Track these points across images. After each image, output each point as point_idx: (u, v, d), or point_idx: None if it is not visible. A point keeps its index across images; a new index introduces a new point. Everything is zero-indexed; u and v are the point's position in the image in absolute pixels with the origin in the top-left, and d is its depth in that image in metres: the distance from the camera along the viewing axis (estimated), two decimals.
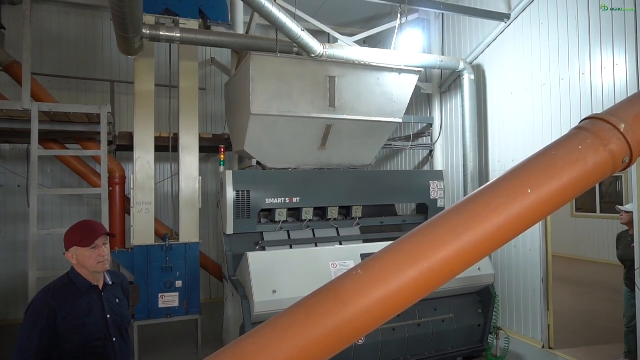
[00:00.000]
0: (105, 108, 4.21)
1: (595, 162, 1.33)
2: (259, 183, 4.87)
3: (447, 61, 6.05)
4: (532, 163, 1.36)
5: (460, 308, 5.02)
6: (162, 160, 7.17)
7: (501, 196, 1.30)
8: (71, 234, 2.32)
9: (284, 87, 4.66)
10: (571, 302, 7.65)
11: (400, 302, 1.25)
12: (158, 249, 5.42)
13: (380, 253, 1.32)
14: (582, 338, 5.84)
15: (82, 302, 2.26)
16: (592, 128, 1.37)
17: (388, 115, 5.14)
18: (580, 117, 4.94)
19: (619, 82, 4.60)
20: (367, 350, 4.56)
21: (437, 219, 1.33)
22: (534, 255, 5.64)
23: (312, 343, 1.21)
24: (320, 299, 1.26)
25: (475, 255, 1.28)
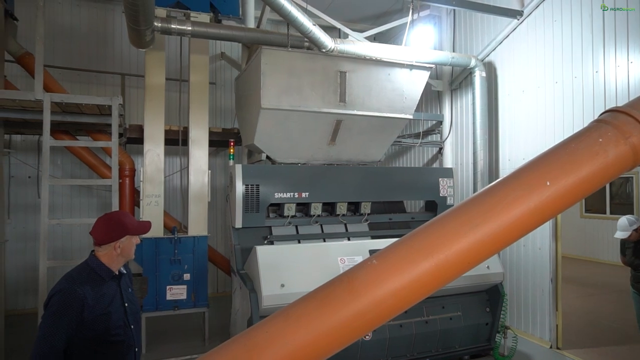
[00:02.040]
0: (116, 99, 4.23)
1: (615, 155, 1.31)
2: (268, 177, 4.86)
3: (459, 58, 6.01)
4: (551, 156, 1.34)
5: (468, 306, 4.99)
6: (172, 153, 7.21)
7: (519, 189, 1.28)
8: (126, 222, 2.36)
9: (294, 82, 4.65)
10: (579, 303, 7.58)
11: (415, 294, 1.24)
12: (167, 242, 5.45)
13: (396, 244, 1.31)
14: (590, 339, 5.79)
15: (105, 290, 2.29)
16: (613, 121, 1.35)
17: (398, 112, 5.11)
18: (593, 116, 4.89)
19: (633, 80, 4.53)
20: (374, 347, 4.55)
21: (453, 211, 1.31)
22: (543, 255, 5.60)
23: (324, 333, 1.20)
24: (333, 289, 1.25)
25: (491, 247, 1.27)
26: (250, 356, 1.18)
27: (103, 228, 2.33)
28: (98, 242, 2.33)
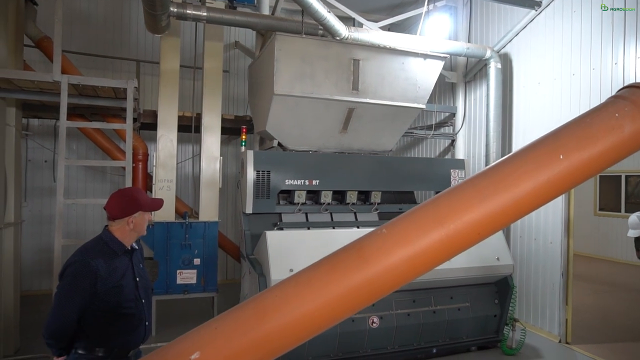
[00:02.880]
0: (131, 82, 4.27)
1: (632, 131, 1.29)
2: (279, 164, 4.89)
3: (474, 49, 5.95)
4: (566, 130, 1.33)
5: (476, 297, 4.98)
6: (184, 141, 7.27)
7: (531, 161, 1.27)
8: (139, 198, 2.40)
9: (307, 69, 4.65)
10: (591, 299, 7.51)
11: (424, 263, 1.24)
12: (178, 227, 5.51)
13: (406, 213, 1.31)
14: (600, 335, 5.74)
15: (118, 264, 2.34)
16: (631, 96, 1.33)
17: (411, 101, 5.09)
18: None
19: None
20: (381, 335, 4.56)
21: (465, 183, 1.31)
22: (555, 249, 5.55)
23: (333, 299, 1.21)
24: (343, 257, 1.27)
25: (502, 219, 1.27)
26: (259, 319, 1.20)
27: (117, 203, 2.37)
28: (112, 217, 2.37)
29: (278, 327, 1.19)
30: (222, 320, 1.22)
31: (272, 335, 1.19)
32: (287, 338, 1.21)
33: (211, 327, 1.22)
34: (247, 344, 1.18)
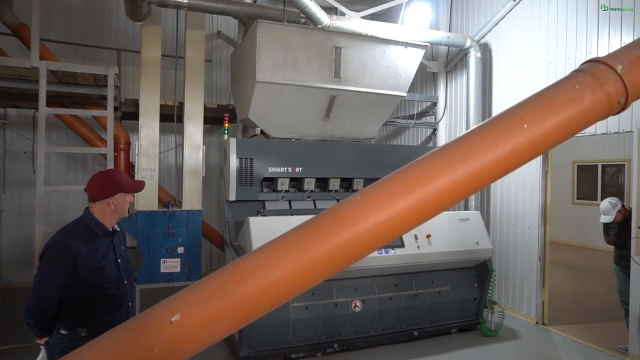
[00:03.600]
0: (112, 69, 4.24)
1: (591, 102, 1.36)
2: (262, 151, 4.91)
3: (454, 38, 6.03)
4: (530, 100, 1.39)
5: (456, 281, 5.11)
6: (167, 131, 7.23)
7: (498, 130, 1.34)
8: (120, 179, 2.41)
9: (289, 56, 4.67)
10: (568, 284, 7.74)
11: (396, 227, 1.30)
12: (161, 215, 5.50)
13: (379, 182, 1.36)
14: (575, 316, 5.93)
15: (99, 246, 2.35)
16: (591, 70, 1.40)
17: (392, 89, 5.15)
18: None
19: None
20: (364, 318, 4.65)
21: (435, 151, 1.37)
22: (532, 234, 5.70)
23: (310, 262, 1.26)
24: (319, 222, 1.31)
25: (471, 186, 1.33)
26: (237, 283, 1.24)
27: (97, 184, 2.38)
28: (92, 198, 2.38)
29: (256, 291, 1.23)
30: (201, 285, 1.27)
31: (250, 298, 1.23)
32: (265, 301, 1.25)
33: (191, 291, 1.27)
34: (226, 306, 1.22)
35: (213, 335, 1.24)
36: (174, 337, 1.20)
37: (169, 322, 1.20)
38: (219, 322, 1.23)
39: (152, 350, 1.20)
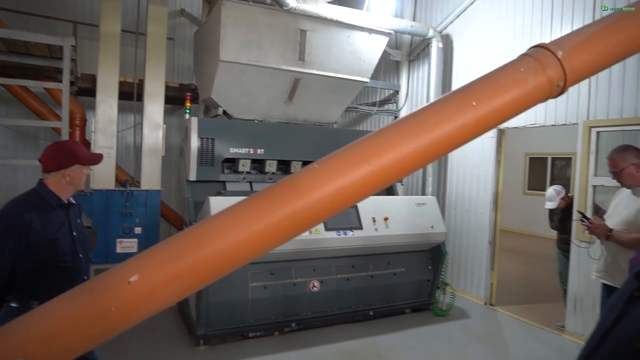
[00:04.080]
0: (68, 40, 4.08)
1: (534, 84, 1.47)
2: (224, 132, 4.88)
3: (417, 27, 6.16)
4: (479, 81, 1.48)
5: (411, 263, 5.29)
6: (126, 109, 7.01)
7: (449, 107, 1.42)
8: (77, 151, 2.34)
9: (254, 37, 4.64)
10: (516, 269, 8.16)
11: (352, 195, 1.36)
12: (118, 195, 5.38)
13: (336, 152, 1.42)
14: (520, 298, 6.29)
15: (53, 218, 2.30)
16: (535, 54, 1.51)
17: (356, 74, 5.23)
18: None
19: None
20: (321, 298, 4.75)
21: (390, 125, 1.44)
22: (484, 220, 5.97)
23: (269, 226, 1.30)
24: (278, 189, 1.36)
25: (423, 158, 1.41)
26: (196, 245, 1.27)
27: (53, 155, 2.32)
28: (46, 169, 2.32)
29: (214, 253, 1.26)
30: (160, 247, 1.29)
31: (209, 260, 1.26)
32: (224, 263, 1.29)
33: (150, 253, 1.28)
34: (185, 268, 1.25)
35: (170, 296, 1.27)
36: (131, 297, 1.22)
37: (127, 282, 1.22)
38: (176, 283, 1.26)
39: (109, 310, 1.21)
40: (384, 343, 4.58)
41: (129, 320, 1.28)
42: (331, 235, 4.62)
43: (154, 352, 4.15)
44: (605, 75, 4.58)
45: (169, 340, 4.44)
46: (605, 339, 1.28)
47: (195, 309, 4.34)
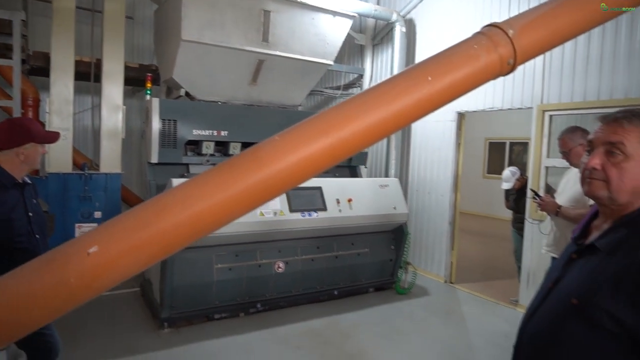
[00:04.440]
0: (18, 14, 3.88)
1: (486, 61, 1.53)
2: (186, 114, 4.80)
3: (381, 11, 6.20)
4: (435, 57, 1.54)
5: (375, 244, 5.42)
6: (83, 90, 6.75)
7: (406, 81, 1.47)
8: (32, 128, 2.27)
9: (217, 16, 4.56)
10: (475, 249, 8.48)
11: (313, 166, 1.39)
12: (76, 178, 5.21)
13: (297, 125, 1.45)
14: (479, 275, 6.56)
15: (7, 197, 2.23)
16: (488, 32, 1.57)
17: (320, 56, 5.23)
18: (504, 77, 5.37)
19: None
20: (287, 279, 4.81)
21: (350, 99, 1.48)
22: (445, 202, 6.16)
23: (232, 196, 1.32)
24: (240, 160, 1.37)
25: (380, 131, 1.45)
26: (158, 215, 1.27)
27: (5, 132, 2.24)
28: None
29: (176, 222, 1.27)
30: (120, 218, 1.28)
31: (171, 230, 1.27)
32: (186, 233, 1.30)
33: (110, 223, 1.28)
34: (146, 238, 1.25)
35: (132, 267, 1.27)
36: (91, 268, 1.21)
37: (86, 253, 1.21)
38: (137, 254, 1.26)
39: (68, 281, 1.21)
40: (348, 321, 4.70)
41: (89, 292, 1.28)
42: (296, 216, 4.66)
43: (117, 338, 4.10)
44: (557, 60, 4.78)
45: (133, 325, 4.39)
46: (546, 298, 1.38)
47: (159, 292, 4.30)
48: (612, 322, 1.13)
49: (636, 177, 1.22)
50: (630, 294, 1.10)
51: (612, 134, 1.25)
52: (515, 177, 5.38)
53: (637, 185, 1.22)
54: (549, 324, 1.32)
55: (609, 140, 1.26)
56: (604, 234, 1.28)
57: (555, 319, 1.29)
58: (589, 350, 1.19)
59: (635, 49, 4.14)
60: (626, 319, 1.10)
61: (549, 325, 1.31)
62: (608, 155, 1.25)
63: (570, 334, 1.24)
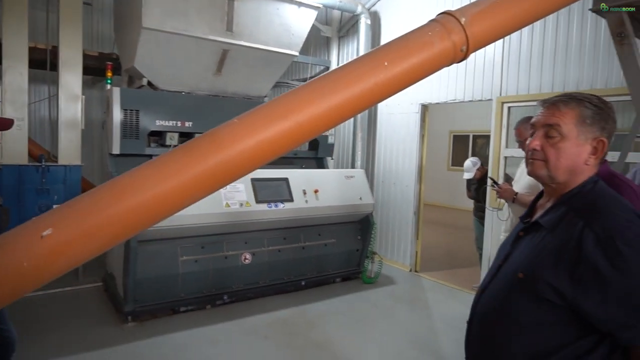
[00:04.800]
0: None
1: (440, 48, 1.59)
2: (149, 104, 4.70)
3: (346, 3, 6.24)
4: (392, 43, 1.58)
5: (341, 234, 5.48)
6: (39, 80, 6.49)
7: (363, 66, 1.50)
8: None
9: (179, 4, 4.47)
10: (440, 239, 8.70)
11: (272, 149, 1.41)
12: (32, 170, 5.02)
13: (256, 108, 1.46)
14: (443, 264, 6.75)
15: None
16: (442, 20, 1.63)
17: (285, 47, 5.21)
18: (465, 70, 5.50)
19: None
20: (253, 270, 4.81)
21: (308, 83, 1.50)
22: (409, 192, 6.29)
23: (190, 180, 1.31)
24: (198, 143, 1.38)
25: (337, 114, 1.48)
26: (115, 197, 1.26)
27: None
28: None
29: (134, 205, 1.26)
30: (76, 200, 1.27)
31: (128, 213, 1.26)
32: (143, 216, 1.29)
33: (65, 206, 1.26)
34: (102, 220, 1.24)
35: (88, 251, 1.26)
36: (45, 252, 1.19)
37: (40, 236, 1.19)
38: (94, 237, 1.24)
39: (20, 265, 1.18)
40: (315, 311, 4.74)
41: (44, 276, 1.26)
42: (262, 207, 4.66)
43: (78, 333, 4.00)
44: (515, 54, 4.95)
45: (95, 320, 4.29)
46: (496, 275, 1.45)
47: (122, 286, 4.22)
48: (554, 294, 1.21)
49: (571, 156, 1.30)
50: (568, 267, 1.18)
51: (551, 116, 1.34)
52: (475, 167, 5.55)
53: (572, 164, 1.30)
54: (498, 299, 1.39)
55: (547, 123, 1.34)
56: (546, 212, 1.36)
57: (503, 293, 1.37)
58: (533, 321, 1.27)
59: (586, 43, 4.33)
60: (565, 291, 1.18)
61: (498, 299, 1.38)
62: (547, 137, 1.34)
63: (516, 306, 1.31)
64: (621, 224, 1.15)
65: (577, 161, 1.30)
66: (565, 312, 1.21)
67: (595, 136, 1.29)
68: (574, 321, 1.20)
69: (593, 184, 1.31)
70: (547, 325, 1.25)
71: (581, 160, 1.30)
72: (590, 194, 1.28)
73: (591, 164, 1.30)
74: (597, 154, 1.30)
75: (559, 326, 1.23)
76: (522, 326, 1.30)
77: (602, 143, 1.29)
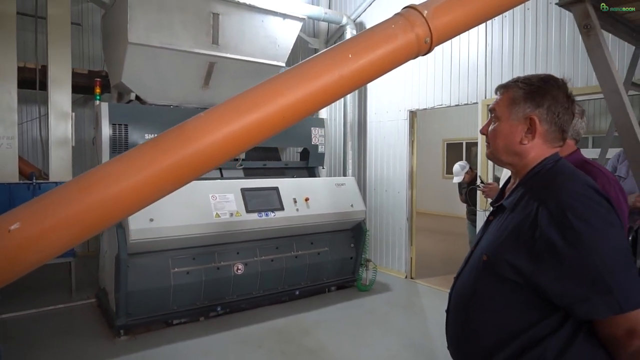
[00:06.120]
0: None
1: (404, 41, 1.63)
2: (137, 118, 4.74)
3: (331, 14, 6.34)
4: (356, 36, 1.62)
5: (334, 242, 5.47)
6: (29, 100, 6.54)
7: (328, 59, 1.54)
8: None
9: (164, 18, 4.55)
10: (434, 246, 8.69)
11: (242, 140, 1.43)
12: (23, 188, 5.03)
13: (224, 102, 1.49)
14: (439, 270, 6.72)
15: None
16: (405, 13, 1.67)
17: (272, 58, 5.29)
18: (450, 75, 5.58)
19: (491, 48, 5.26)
20: (246, 281, 4.79)
21: (276, 76, 1.53)
22: (402, 198, 6.31)
23: (159, 172, 1.33)
24: (166, 137, 1.40)
25: (305, 107, 1.51)
26: (83, 192, 1.28)
27: None
28: None
29: (102, 199, 1.28)
30: (45, 195, 1.28)
31: (97, 206, 1.28)
32: (112, 210, 1.31)
33: (34, 200, 1.28)
34: (71, 214, 1.25)
35: (57, 245, 1.27)
36: (13, 246, 1.20)
37: (7, 230, 1.20)
38: (62, 231, 1.25)
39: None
40: (310, 319, 4.72)
41: (13, 271, 1.27)
42: (252, 217, 4.66)
43: (70, 348, 3.96)
44: (497, 56, 5.02)
45: (88, 336, 4.26)
46: (468, 261, 1.47)
47: (114, 300, 4.20)
48: (515, 273, 1.22)
49: (505, 136, 1.36)
50: (526, 245, 1.19)
51: (493, 103, 1.41)
52: (464, 170, 5.59)
53: (507, 143, 1.36)
54: (469, 282, 1.40)
55: (490, 109, 1.42)
56: (510, 194, 1.38)
57: (473, 277, 1.38)
58: (498, 301, 1.28)
59: (565, 44, 4.41)
60: (525, 269, 1.19)
61: (469, 283, 1.40)
62: (491, 122, 1.41)
63: (484, 289, 1.33)
64: (574, 197, 1.17)
65: (511, 140, 1.34)
66: (529, 292, 1.21)
67: (525, 114, 1.32)
68: (538, 301, 1.21)
69: (554, 162, 1.33)
70: (514, 307, 1.25)
71: (515, 139, 1.34)
72: (550, 172, 1.31)
73: (529, 143, 1.33)
74: (533, 132, 1.32)
75: (525, 306, 1.23)
76: (491, 309, 1.30)
77: (532, 120, 1.31)
